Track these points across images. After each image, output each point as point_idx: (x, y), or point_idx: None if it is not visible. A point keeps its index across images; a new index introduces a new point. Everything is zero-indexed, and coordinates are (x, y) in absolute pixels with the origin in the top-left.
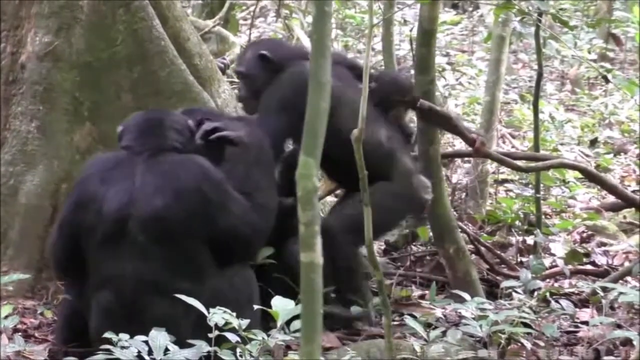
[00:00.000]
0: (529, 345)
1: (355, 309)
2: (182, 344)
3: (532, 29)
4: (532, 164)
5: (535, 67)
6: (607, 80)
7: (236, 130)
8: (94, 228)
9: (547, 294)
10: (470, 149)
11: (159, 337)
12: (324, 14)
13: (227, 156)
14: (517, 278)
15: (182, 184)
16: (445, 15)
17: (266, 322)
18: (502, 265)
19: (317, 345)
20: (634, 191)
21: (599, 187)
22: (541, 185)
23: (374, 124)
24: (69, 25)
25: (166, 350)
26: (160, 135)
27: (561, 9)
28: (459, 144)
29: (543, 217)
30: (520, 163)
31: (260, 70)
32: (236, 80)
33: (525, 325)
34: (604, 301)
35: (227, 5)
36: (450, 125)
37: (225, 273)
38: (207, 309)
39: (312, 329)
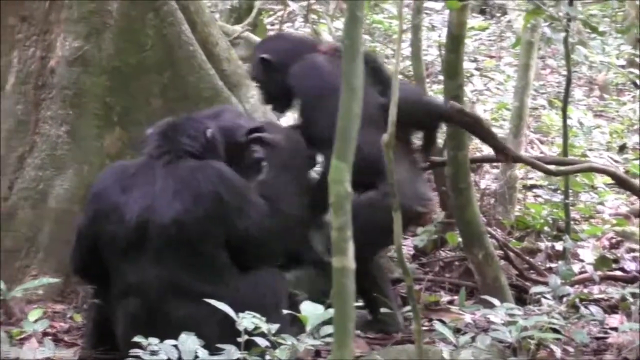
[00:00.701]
0: (558, 351)
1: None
2: (207, 347)
3: (561, 35)
4: (562, 168)
5: (564, 72)
6: (637, 86)
7: (274, 134)
8: (115, 237)
9: (577, 299)
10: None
11: (189, 342)
12: (356, 19)
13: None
14: (546, 284)
15: (199, 188)
16: (474, 20)
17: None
18: (531, 271)
19: (349, 349)
20: None
21: (628, 192)
22: (570, 191)
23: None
24: (99, 30)
25: (195, 354)
26: (175, 141)
27: (590, 15)
28: (487, 149)
29: (572, 223)
30: (550, 167)
31: (266, 73)
32: None
33: (555, 331)
34: (633, 307)
35: (255, 10)
36: (480, 128)
37: (248, 276)
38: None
39: (344, 334)
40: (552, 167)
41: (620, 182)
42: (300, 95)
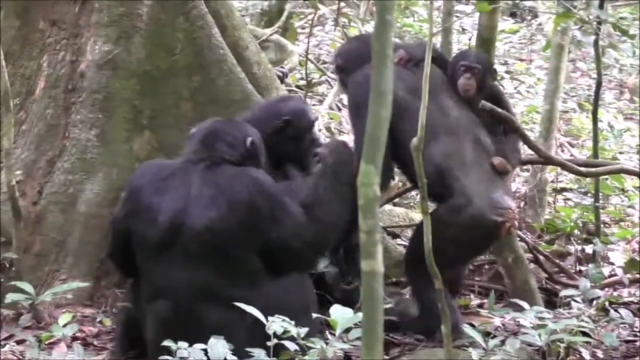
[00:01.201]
0: (587, 354)
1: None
2: (237, 351)
3: (592, 38)
4: (592, 169)
5: (594, 75)
6: None
7: (325, 146)
8: (146, 237)
9: (606, 303)
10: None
11: (218, 346)
12: (385, 22)
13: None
14: (576, 287)
15: (235, 196)
16: (504, 24)
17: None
18: (561, 274)
19: (379, 353)
20: None
21: None
22: (600, 194)
23: (446, 138)
24: (129, 34)
25: (225, 359)
26: (212, 147)
27: (621, 18)
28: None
29: (602, 226)
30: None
31: (337, 74)
32: (294, 88)
33: (584, 334)
34: None
35: (285, 14)
36: (512, 127)
37: (279, 281)
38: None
39: (374, 337)
40: (582, 169)
41: None
42: (349, 105)
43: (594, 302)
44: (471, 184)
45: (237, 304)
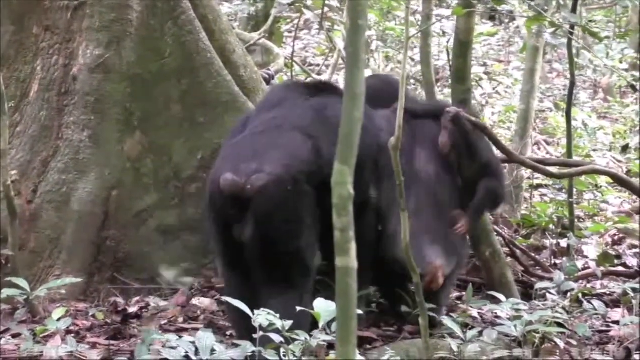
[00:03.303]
0: (562, 344)
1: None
2: None
3: (562, 40)
4: (565, 170)
5: (569, 76)
6: (634, 89)
7: None
8: None
9: (580, 294)
10: (504, 156)
11: (206, 338)
12: (358, 27)
13: None
14: (551, 280)
15: None
16: (483, 27)
17: None
18: (537, 268)
19: (353, 346)
20: None
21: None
22: (574, 190)
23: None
24: (119, 38)
25: (213, 350)
26: None
27: (591, 21)
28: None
29: (576, 220)
30: (553, 169)
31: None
32: None
33: (559, 325)
34: (634, 301)
35: (271, 18)
36: (486, 134)
37: None
38: None
39: (348, 331)
40: (556, 169)
41: (622, 183)
42: None
43: (568, 294)
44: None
45: (224, 297)
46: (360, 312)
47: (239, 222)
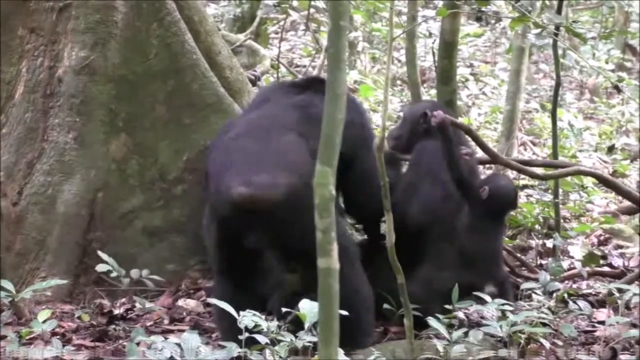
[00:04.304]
0: (547, 344)
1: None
2: None
3: (546, 41)
4: (550, 172)
5: (555, 77)
6: (618, 90)
7: None
8: None
9: (566, 295)
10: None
11: (191, 339)
12: (340, 28)
13: None
14: (536, 280)
15: None
16: (469, 27)
17: None
18: (523, 268)
19: (335, 347)
20: None
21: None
22: (560, 190)
23: None
24: (105, 40)
25: (198, 352)
26: None
27: (575, 22)
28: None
29: (562, 221)
30: (539, 170)
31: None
32: None
33: (544, 325)
34: (619, 302)
35: (257, 19)
36: (472, 136)
37: None
38: None
39: (330, 332)
40: (541, 170)
41: (606, 183)
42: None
43: (554, 295)
44: None
45: (209, 299)
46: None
47: (253, 231)
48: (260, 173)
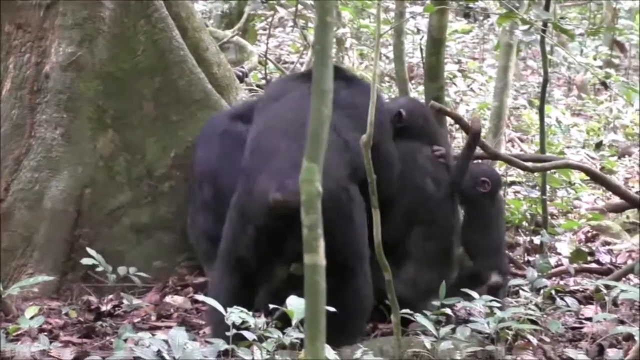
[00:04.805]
0: (535, 340)
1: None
2: None
3: (533, 37)
4: (539, 164)
5: (543, 73)
6: (605, 87)
7: None
8: None
9: (553, 291)
10: (483, 152)
11: (179, 336)
12: (326, 24)
13: None
14: (524, 276)
15: None
16: (457, 24)
17: None
18: (510, 264)
19: (321, 343)
20: (637, 192)
21: (603, 188)
22: (547, 187)
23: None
24: (92, 36)
25: (185, 348)
26: None
27: (562, 18)
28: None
29: (549, 217)
30: (528, 163)
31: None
32: (254, 87)
33: (532, 321)
34: (607, 298)
35: (245, 16)
36: (461, 125)
37: None
38: None
39: (317, 328)
40: (529, 164)
41: (595, 178)
42: None
43: (541, 291)
44: None
45: (197, 296)
46: None
47: (292, 235)
48: (294, 177)
